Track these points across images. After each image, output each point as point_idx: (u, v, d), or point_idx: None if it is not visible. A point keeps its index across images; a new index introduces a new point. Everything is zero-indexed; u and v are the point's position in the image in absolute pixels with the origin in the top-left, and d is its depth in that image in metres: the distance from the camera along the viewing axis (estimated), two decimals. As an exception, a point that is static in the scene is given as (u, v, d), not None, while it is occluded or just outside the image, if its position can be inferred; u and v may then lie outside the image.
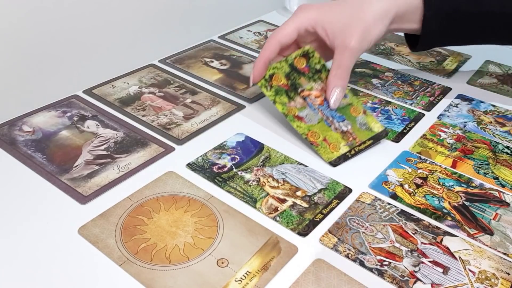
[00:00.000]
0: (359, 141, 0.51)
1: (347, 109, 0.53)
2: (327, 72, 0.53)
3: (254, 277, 0.38)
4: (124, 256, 0.39)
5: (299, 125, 0.52)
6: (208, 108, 0.60)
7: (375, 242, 0.41)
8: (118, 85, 0.64)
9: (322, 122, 0.52)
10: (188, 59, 0.71)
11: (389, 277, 0.38)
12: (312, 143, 0.51)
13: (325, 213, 0.44)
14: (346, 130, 0.52)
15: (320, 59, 0.54)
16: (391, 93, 0.64)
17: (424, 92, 0.65)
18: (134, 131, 0.55)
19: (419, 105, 0.61)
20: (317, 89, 0.53)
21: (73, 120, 0.56)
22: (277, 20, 0.86)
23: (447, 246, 0.41)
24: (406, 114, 0.59)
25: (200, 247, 0.40)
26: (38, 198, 0.45)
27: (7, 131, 0.54)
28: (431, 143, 0.54)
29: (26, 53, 0.57)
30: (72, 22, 0.60)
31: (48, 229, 0.42)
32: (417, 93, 0.64)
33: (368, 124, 0.52)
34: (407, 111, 0.60)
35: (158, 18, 0.71)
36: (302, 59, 0.54)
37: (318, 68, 0.54)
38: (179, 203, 0.45)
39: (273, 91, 0.54)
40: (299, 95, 0.54)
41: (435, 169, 0.50)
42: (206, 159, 0.51)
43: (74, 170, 0.48)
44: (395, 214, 0.44)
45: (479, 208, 0.45)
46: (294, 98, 0.53)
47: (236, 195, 0.46)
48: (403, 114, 0.59)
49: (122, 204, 0.45)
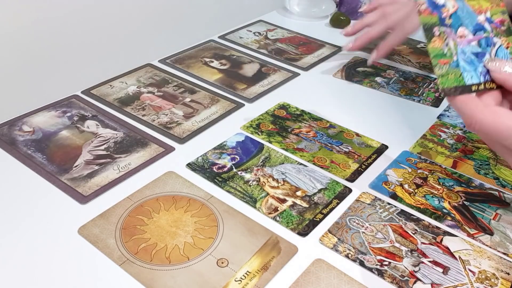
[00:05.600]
0: (365, 157, 0.52)
1: (341, 135, 0.55)
2: (308, 114, 0.58)
3: (254, 277, 0.38)
4: (124, 256, 0.39)
5: (302, 155, 0.52)
6: (207, 107, 0.60)
7: (375, 242, 0.41)
8: (116, 85, 0.64)
9: (323, 149, 0.53)
10: (188, 59, 0.71)
11: (389, 277, 0.38)
12: (322, 167, 0.51)
13: (325, 213, 0.44)
14: (349, 151, 0.53)
15: (296, 108, 0.59)
16: (398, 90, 0.65)
17: (429, 88, 0.65)
18: (134, 131, 0.55)
19: (427, 101, 0.62)
20: (305, 126, 0.56)
21: (73, 120, 0.56)
22: (277, 20, 0.86)
23: (447, 246, 0.41)
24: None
25: (200, 247, 0.40)
26: (38, 198, 0.45)
27: (7, 131, 0.54)
28: (431, 144, 0.54)
29: (26, 53, 0.57)
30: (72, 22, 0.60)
31: (48, 229, 0.42)
32: (422, 89, 0.65)
33: (366, 143, 0.54)
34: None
35: (158, 18, 0.71)
36: (281, 110, 0.59)
37: (299, 113, 0.58)
38: (179, 203, 0.45)
39: (266, 135, 0.55)
40: (290, 133, 0.55)
41: (435, 169, 0.50)
42: (206, 159, 0.51)
43: (74, 170, 0.48)
44: (395, 214, 0.44)
45: (479, 208, 0.45)
46: (288, 136, 0.55)
47: (236, 195, 0.46)
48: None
49: (122, 204, 0.45)
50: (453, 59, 0.43)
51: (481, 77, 0.42)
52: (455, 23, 0.43)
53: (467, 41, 0.43)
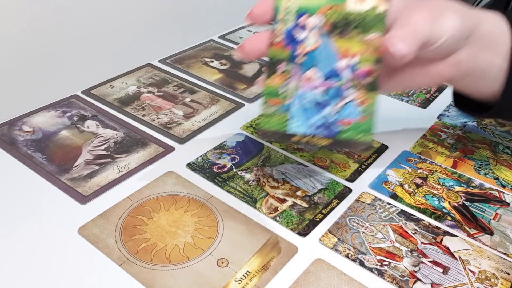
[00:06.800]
0: (365, 157, 0.51)
1: None
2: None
3: (254, 277, 0.38)
4: (124, 256, 0.39)
5: (302, 155, 0.52)
6: (207, 107, 0.60)
7: (375, 242, 0.41)
8: (116, 85, 0.64)
9: (323, 149, 0.52)
10: (188, 59, 0.71)
11: (389, 277, 0.38)
12: (322, 167, 0.51)
13: (325, 213, 0.44)
14: (349, 151, 0.52)
15: None
16: None
17: (420, 89, 0.65)
18: (134, 131, 0.55)
19: (416, 101, 0.62)
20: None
21: (73, 120, 0.56)
22: (277, 20, 0.86)
23: (447, 246, 0.41)
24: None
25: (200, 247, 0.40)
26: (38, 198, 0.45)
27: (7, 131, 0.54)
28: (431, 144, 0.54)
29: (26, 53, 0.57)
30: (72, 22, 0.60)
31: (48, 229, 0.42)
32: (413, 90, 0.64)
33: None
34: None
35: (158, 18, 0.71)
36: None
37: None
38: (179, 203, 0.45)
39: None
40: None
41: (435, 169, 0.50)
42: (206, 159, 0.51)
43: (74, 170, 0.48)
44: (395, 214, 0.44)
45: (479, 208, 0.45)
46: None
47: (236, 195, 0.46)
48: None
49: (122, 204, 0.45)
50: (286, 102, 0.38)
51: (311, 129, 0.38)
52: (307, 63, 0.38)
53: (312, 86, 0.38)
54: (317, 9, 0.38)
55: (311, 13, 0.38)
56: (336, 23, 0.38)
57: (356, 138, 0.38)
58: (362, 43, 0.38)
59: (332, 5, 0.38)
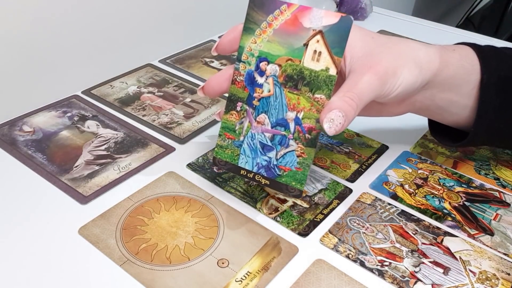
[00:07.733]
0: (365, 157, 0.51)
1: (341, 135, 0.55)
2: None
3: (255, 278, 0.38)
4: (125, 256, 0.39)
5: None
6: (208, 107, 0.60)
7: (375, 243, 0.41)
8: (116, 85, 0.64)
9: (324, 149, 0.53)
10: (188, 59, 0.71)
11: (389, 277, 0.38)
12: (322, 167, 0.51)
13: (326, 214, 0.44)
14: (349, 151, 0.52)
15: None
16: None
17: None
18: (134, 131, 0.55)
19: None
20: None
21: (74, 120, 0.56)
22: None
23: (447, 247, 0.41)
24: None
25: (200, 248, 0.40)
26: (38, 198, 0.45)
27: (7, 131, 0.54)
28: (432, 144, 0.54)
29: (26, 53, 0.57)
30: (72, 22, 0.60)
31: (48, 229, 0.42)
32: None
33: (366, 143, 0.54)
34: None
35: (158, 18, 0.71)
36: None
37: None
38: (180, 203, 0.45)
39: None
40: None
41: (435, 169, 0.50)
42: (206, 159, 0.51)
43: (75, 170, 0.48)
44: (395, 215, 0.44)
45: (480, 209, 0.45)
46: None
47: (236, 195, 0.46)
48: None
49: (122, 204, 0.44)
50: (239, 139, 0.42)
51: (256, 167, 0.41)
52: (260, 107, 0.41)
53: (262, 130, 0.41)
54: (276, 58, 0.41)
55: (270, 60, 0.41)
56: (290, 76, 0.41)
57: (291, 184, 0.41)
58: (309, 100, 0.40)
59: (290, 58, 0.41)
